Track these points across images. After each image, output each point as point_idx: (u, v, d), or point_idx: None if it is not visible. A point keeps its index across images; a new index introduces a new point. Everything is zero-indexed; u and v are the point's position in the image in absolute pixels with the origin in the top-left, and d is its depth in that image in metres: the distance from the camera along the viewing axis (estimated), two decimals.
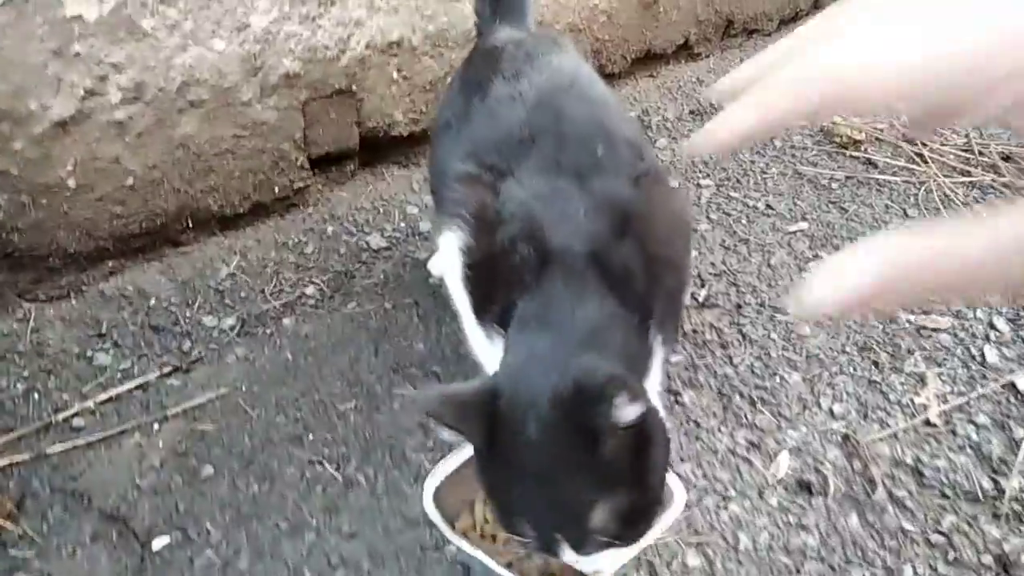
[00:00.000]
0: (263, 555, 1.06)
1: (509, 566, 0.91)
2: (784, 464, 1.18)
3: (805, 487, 1.15)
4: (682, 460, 1.17)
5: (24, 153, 1.31)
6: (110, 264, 1.51)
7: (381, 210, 1.80)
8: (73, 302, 1.48)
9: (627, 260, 0.90)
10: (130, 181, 1.44)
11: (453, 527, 0.96)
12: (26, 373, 1.35)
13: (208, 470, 1.19)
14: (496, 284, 0.94)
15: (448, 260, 1.02)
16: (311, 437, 1.25)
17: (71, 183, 1.38)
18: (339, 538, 1.09)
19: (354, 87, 1.68)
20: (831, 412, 1.27)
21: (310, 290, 1.56)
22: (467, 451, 0.99)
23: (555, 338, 0.83)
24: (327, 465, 1.19)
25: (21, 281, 1.43)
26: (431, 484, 0.97)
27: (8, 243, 1.37)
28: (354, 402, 1.31)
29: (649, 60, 2.43)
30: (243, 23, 1.45)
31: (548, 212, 0.92)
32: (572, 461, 0.76)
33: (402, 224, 1.77)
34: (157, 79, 1.39)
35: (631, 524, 0.80)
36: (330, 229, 1.73)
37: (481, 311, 0.98)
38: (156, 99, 1.41)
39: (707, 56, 2.63)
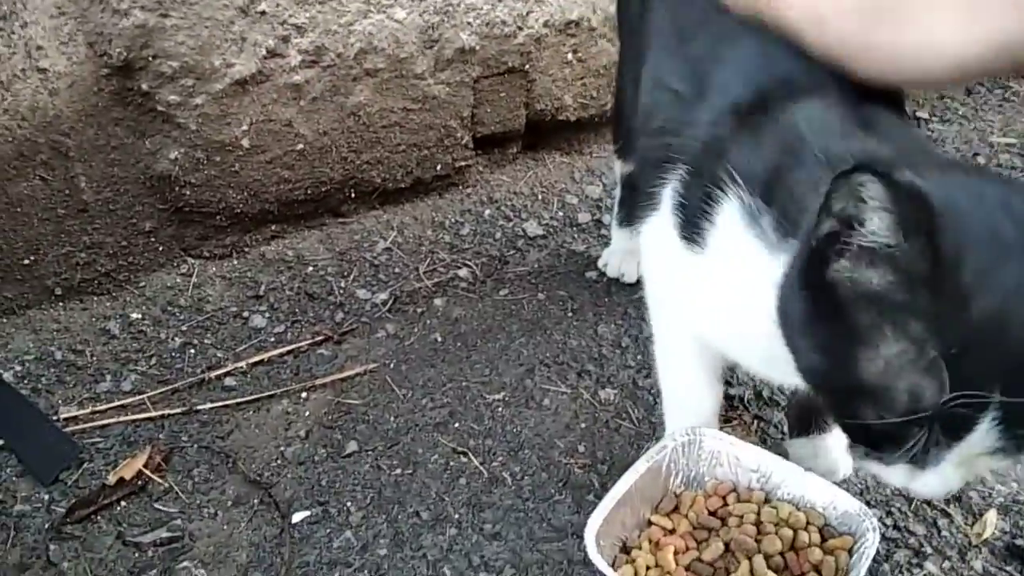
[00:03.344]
0: (402, 544, 1.01)
1: None
2: (991, 524, 1.01)
3: (1017, 554, 0.98)
4: (870, 504, 1.03)
5: (204, 109, 1.32)
6: (273, 228, 1.51)
7: (540, 197, 1.73)
8: (235, 262, 1.48)
9: None
10: (300, 146, 1.43)
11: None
12: (184, 327, 1.36)
13: (352, 446, 1.15)
14: None
15: None
16: (456, 425, 1.19)
17: (245, 143, 1.38)
18: (481, 537, 1.02)
19: (527, 67, 1.61)
20: None
21: (463, 272, 1.50)
22: (616, 492, 0.90)
23: None
24: (472, 457, 1.13)
25: (188, 236, 1.45)
26: (591, 534, 0.87)
27: (180, 197, 1.39)
28: (502, 394, 1.24)
29: None
30: None
31: None
32: None
33: (560, 213, 1.69)
34: (336, 44, 1.37)
35: None
36: (487, 212, 1.67)
37: None
38: (333, 65, 1.39)
39: None
